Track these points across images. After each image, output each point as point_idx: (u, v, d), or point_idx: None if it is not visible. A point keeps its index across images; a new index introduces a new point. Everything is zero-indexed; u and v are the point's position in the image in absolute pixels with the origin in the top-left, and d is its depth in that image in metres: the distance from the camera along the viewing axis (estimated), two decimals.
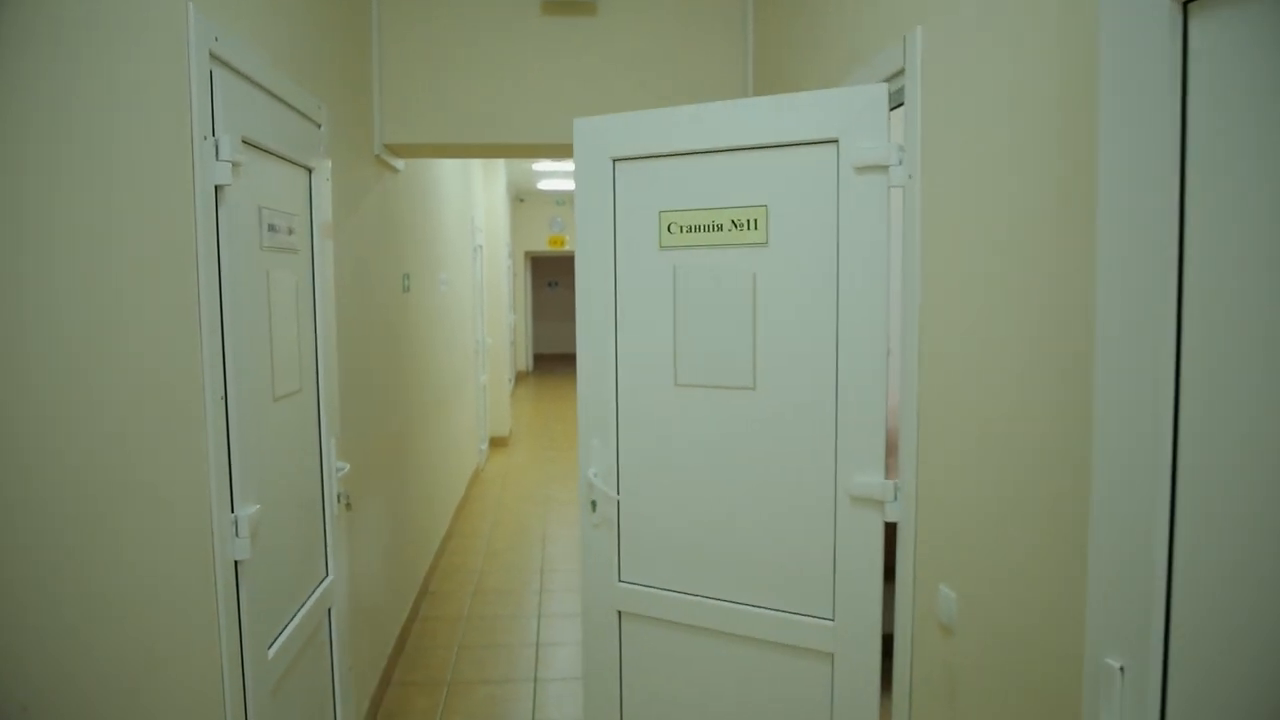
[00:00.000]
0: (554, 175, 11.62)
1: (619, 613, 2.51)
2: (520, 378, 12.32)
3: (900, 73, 1.98)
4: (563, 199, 14.60)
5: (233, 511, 1.82)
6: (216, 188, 1.75)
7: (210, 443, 1.73)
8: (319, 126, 2.51)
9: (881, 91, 1.96)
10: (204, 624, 1.70)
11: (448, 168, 5.64)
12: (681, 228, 2.30)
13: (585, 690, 2.60)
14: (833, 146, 2.04)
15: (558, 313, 17.73)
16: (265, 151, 2.06)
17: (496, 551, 5.32)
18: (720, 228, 2.24)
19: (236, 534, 1.82)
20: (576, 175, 2.43)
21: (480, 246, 7.74)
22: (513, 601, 4.48)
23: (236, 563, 1.83)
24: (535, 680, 3.56)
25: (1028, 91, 1.48)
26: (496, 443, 8.66)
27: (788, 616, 2.24)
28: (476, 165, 7.66)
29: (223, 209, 1.79)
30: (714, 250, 2.26)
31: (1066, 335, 1.40)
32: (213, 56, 1.74)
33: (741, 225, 2.20)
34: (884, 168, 1.97)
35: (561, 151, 3.64)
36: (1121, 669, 1.12)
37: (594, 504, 2.48)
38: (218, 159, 1.75)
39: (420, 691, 3.45)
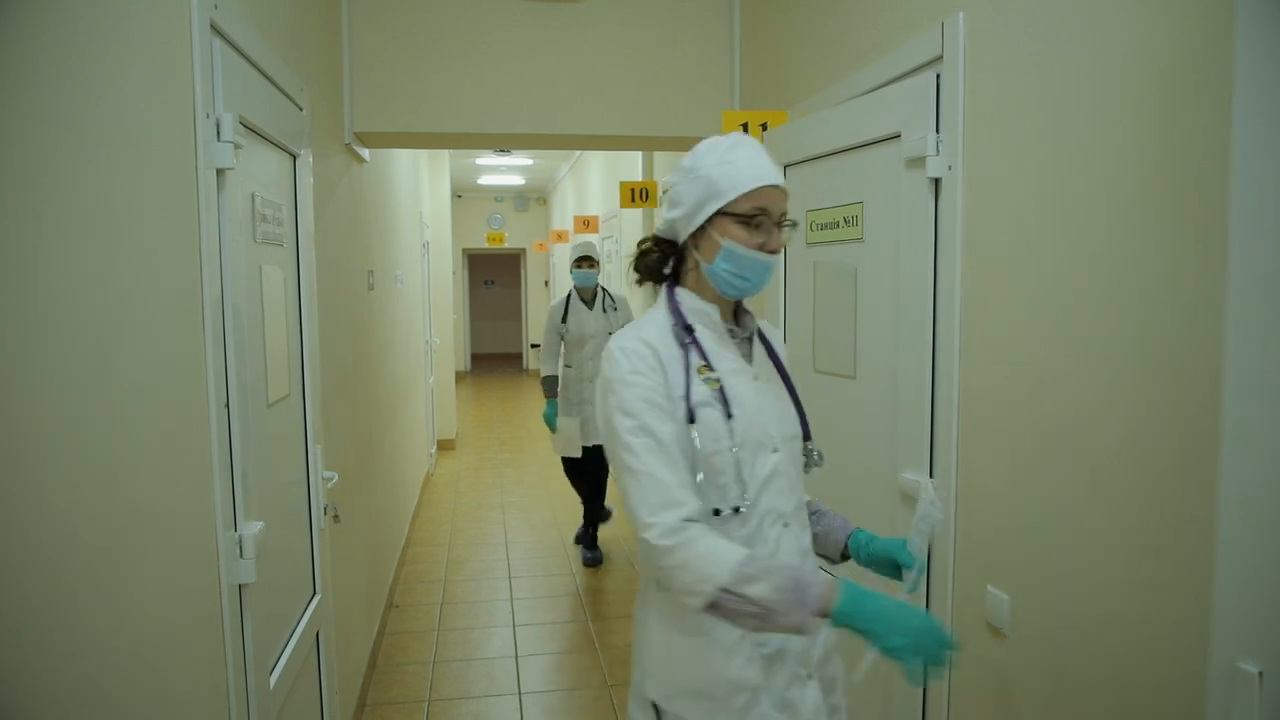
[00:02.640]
0: (496, 170, 11.34)
1: None
2: (459, 378, 12.02)
3: (935, 60, 1.92)
4: (502, 195, 14.30)
5: (236, 530, 1.64)
6: (218, 172, 1.58)
7: (215, 455, 1.55)
8: (301, 109, 2.33)
9: (927, 82, 1.90)
10: (208, 657, 1.52)
11: (402, 160, 5.41)
12: (818, 225, 2.42)
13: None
14: (897, 142, 2.01)
15: (495, 312, 17.39)
16: (257, 134, 1.87)
17: (459, 560, 5.13)
18: (837, 225, 2.31)
19: (241, 555, 1.64)
20: None
21: (428, 243, 7.49)
22: (484, 612, 4.30)
23: (240, 587, 1.65)
24: (519, 694, 3.41)
25: (1113, 76, 1.43)
26: (444, 446, 8.39)
27: None
28: (423, 158, 7.40)
29: (222, 195, 1.61)
30: (833, 246, 2.38)
31: (1159, 333, 1.35)
32: (213, 27, 1.56)
33: (850, 222, 2.26)
34: (923, 159, 1.91)
35: (545, 142, 3.50)
36: (1261, 674, 1.07)
37: None
38: (219, 140, 1.57)
39: (399, 712, 3.26)
